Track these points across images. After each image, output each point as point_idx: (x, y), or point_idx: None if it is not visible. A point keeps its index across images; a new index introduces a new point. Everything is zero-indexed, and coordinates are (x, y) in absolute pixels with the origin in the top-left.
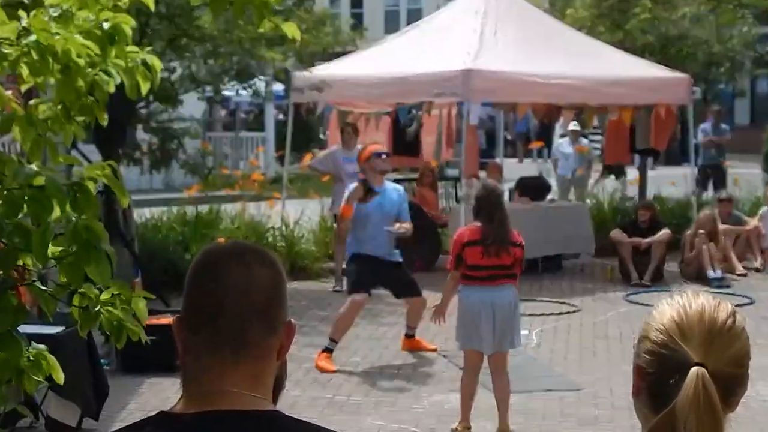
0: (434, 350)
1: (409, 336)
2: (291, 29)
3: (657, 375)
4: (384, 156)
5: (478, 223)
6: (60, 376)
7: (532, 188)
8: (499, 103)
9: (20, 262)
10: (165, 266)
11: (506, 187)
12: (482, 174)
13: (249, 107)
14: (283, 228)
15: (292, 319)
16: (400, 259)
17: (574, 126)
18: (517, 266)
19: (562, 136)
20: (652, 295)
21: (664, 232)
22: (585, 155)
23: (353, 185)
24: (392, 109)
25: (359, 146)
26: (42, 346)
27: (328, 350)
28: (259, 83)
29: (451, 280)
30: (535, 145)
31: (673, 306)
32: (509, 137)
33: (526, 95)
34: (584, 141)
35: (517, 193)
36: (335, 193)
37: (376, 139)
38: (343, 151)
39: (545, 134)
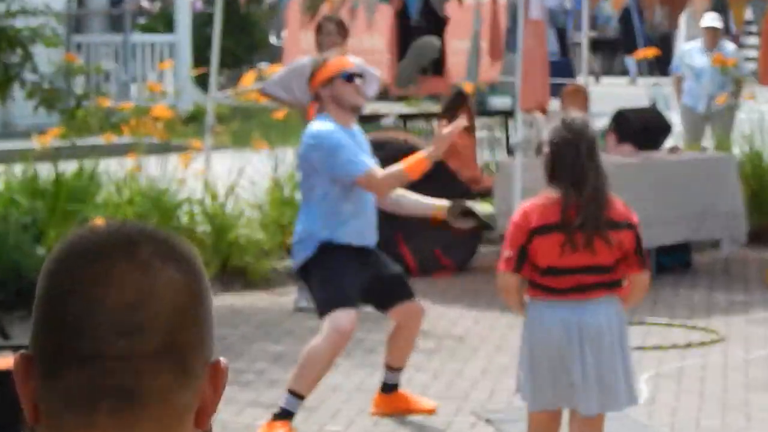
0: (431, 412)
1: (389, 388)
2: None
3: None
4: (358, 80)
5: (554, 193)
6: None
7: (639, 129)
8: None
9: None
10: (2, 269)
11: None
12: (553, 104)
13: None
14: (208, 201)
15: (222, 359)
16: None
17: (711, 22)
18: (625, 264)
19: (691, 39)
20: None
21: None
22: (730, 72)
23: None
24: None
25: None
26: None
27: (285, 414)
28: None
29: (513, 292)
30: (645, 54)
31: None
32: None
33: None
34: (729, 48)
35: (612, 138)
36: None
37: (371, 45)
38: None
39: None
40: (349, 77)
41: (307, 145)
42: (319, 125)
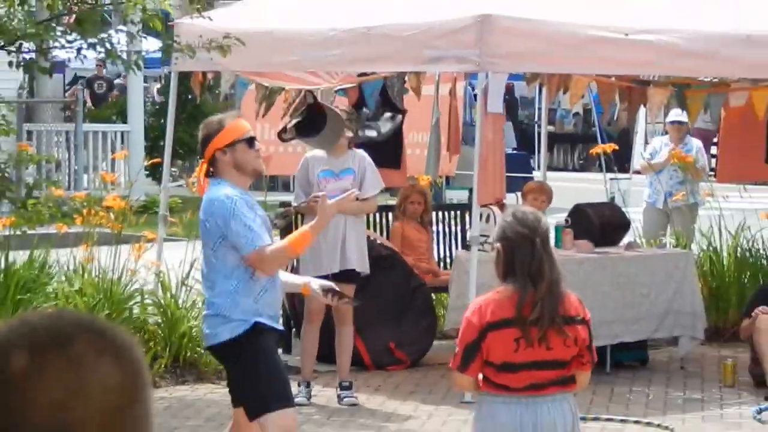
0: None
1: None
2: None
3: None
4: (257, 144)
5: (509, 287)
6: None
7: (597, 225)
8: (540, 76)
9: None
10: None
11: (551, 222)
12: (511, 199)
13: (100, 80)
14: (160, 292)
15: None
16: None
17: (676, 117)
18: (578, 361)
19: (651, 134)
20: None
21: None
22: (690, 169)
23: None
24: (353, 85)
25: (355, 151)
26: None
27: None
28: (118, 38)
29: (469, 390)
30: (602, 149)
31: None
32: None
33: (586, 62)
34: (694, 144)
35: (567, 234)
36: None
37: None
38: (325, 157)
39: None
40: (251, 142)
41: (207, 212)
42: (219, 190)
